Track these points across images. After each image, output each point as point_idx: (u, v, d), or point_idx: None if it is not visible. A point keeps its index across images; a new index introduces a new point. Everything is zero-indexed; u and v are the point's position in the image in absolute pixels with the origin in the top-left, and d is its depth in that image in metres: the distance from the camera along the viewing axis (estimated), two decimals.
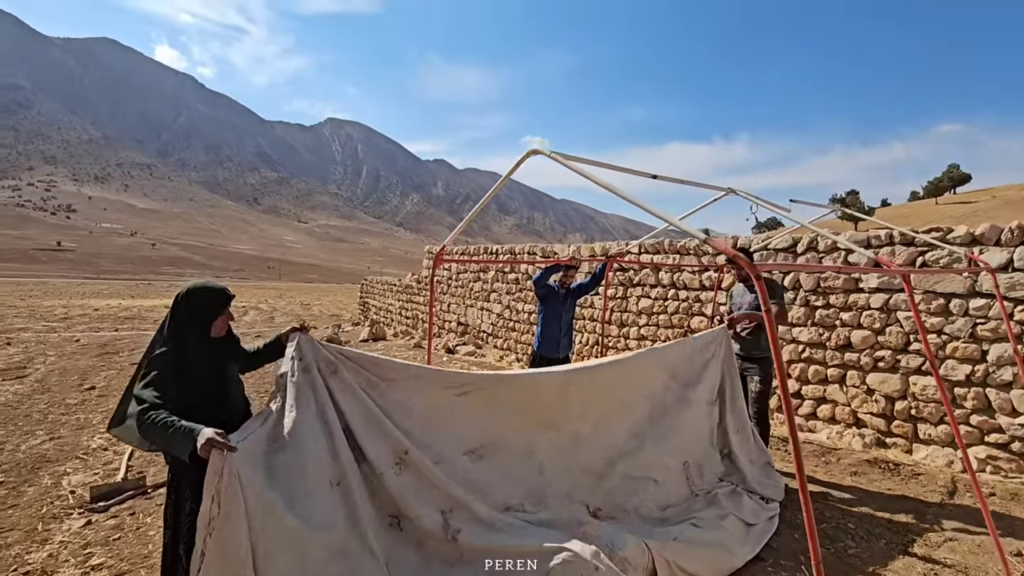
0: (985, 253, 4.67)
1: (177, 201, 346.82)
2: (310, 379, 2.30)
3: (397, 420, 2.51)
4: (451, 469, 2.59)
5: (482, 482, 2.65)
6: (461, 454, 2.66)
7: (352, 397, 2.38)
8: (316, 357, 2.33)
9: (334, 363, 2.37)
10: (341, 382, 2.37)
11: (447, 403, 2.67)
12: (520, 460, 2.84)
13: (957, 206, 72.24)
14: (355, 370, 2.46)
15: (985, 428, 4.68)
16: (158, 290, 47.63)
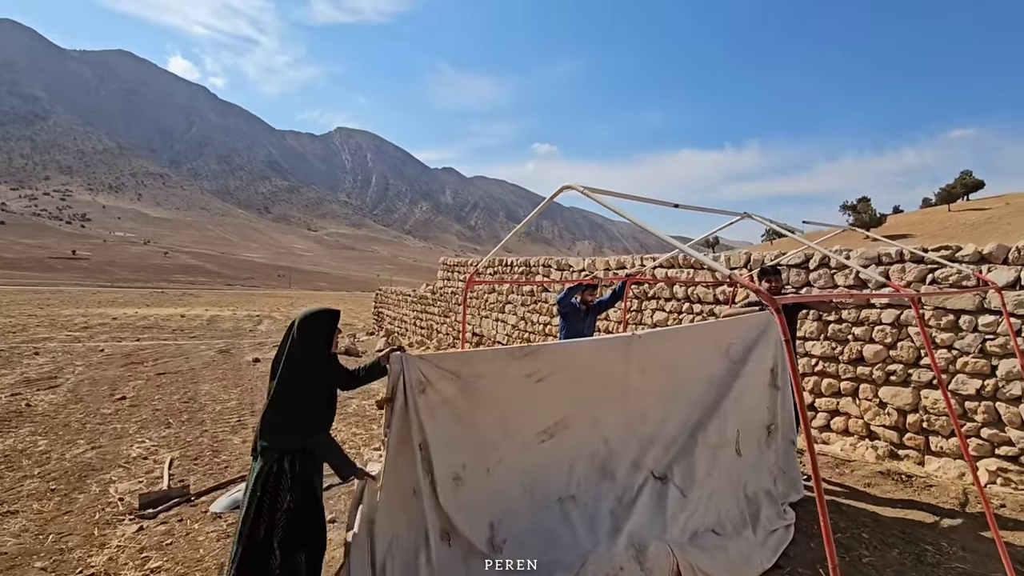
0: (993, 271, 4.81)
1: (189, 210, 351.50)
2: (405, 399, 2.57)
3: (476, 421, 2.76)
4: (516, 463, 2.83)
5: (546, 467, 2.91)
6: (536, 434, 2.91)
7: (431, 416, 2.61)
8: (409, 378, 2.57)
9: (423, 382, 2.60)
10: (426, 402, 2.61)
11: (528, 388, 2.90)
12: (587, 433, 3.08)
13: (971, 213, 71.56)
14: (449, 380, 2.68)
15: (995, 441, 4.81)
16: (171, 299, 48.27)
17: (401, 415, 2.55)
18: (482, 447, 2.79)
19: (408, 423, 2.56)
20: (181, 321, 23.80)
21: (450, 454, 2.67)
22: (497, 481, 2.80)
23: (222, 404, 7.87)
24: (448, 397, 2.68)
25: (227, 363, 11.76)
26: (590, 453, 3.10)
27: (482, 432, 2.80)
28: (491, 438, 2.82)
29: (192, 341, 16.49)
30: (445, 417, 2.67)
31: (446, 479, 2.64)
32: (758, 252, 6.92)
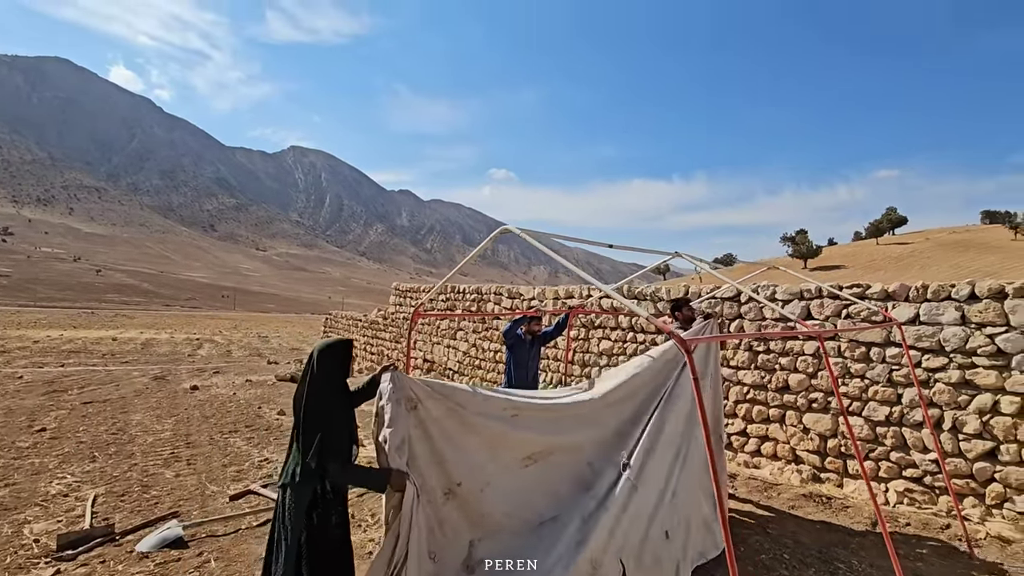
0: (897, 308, 5.32)
1: (127, 226, 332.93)
2: (398, 412, 2.63)
3: (464, 443, 2.84)
4: (502, 484, 2.93)
5: (530, 489, 3.02)
6: (520, 460, 3.01)
7: (422, 432, 2.69)
8: (401, 395, 2.64)
9: (414, 400, 2.68)
10: (416, 417, 2.68)
11: (509, 420, 3.03)
12: (572, 458, 3.24)
13: (896, 247, 77.49)
14: (437, 400, 2.77)
15: (903, 464, 5.24)
16: (102, 320, 45.34)
17: (394, 422, 2.62)
18: (473, 468, 2.88)
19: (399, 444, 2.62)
20: (112, 345, 22.42)
21: (441, 470, 2.75)
22: (486, 502, 2.88)
23: (154, 435, 7.49)
24: (437, 416, 2.76)
25: (162, 391, 11.18)
26: (574, 476, 3.25)
27: (472, 454, 2.89)
28: (480, 460, 2.91)
29: (124, 367, 15.57)
30: (436, 434, 2.75)
31: (435, 494, 2.70)
32: (694, 285, 7.34)
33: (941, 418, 4.99)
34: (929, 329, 5.08)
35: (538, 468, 3.09)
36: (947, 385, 4.96)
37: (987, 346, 4.75)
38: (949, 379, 4.94)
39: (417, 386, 2.72)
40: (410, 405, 2.66)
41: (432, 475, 2.72)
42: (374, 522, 4.72)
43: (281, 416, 8.85)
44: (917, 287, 5.23)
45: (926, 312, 5.12)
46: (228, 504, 5.06)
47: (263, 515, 4.77)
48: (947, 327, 4.99)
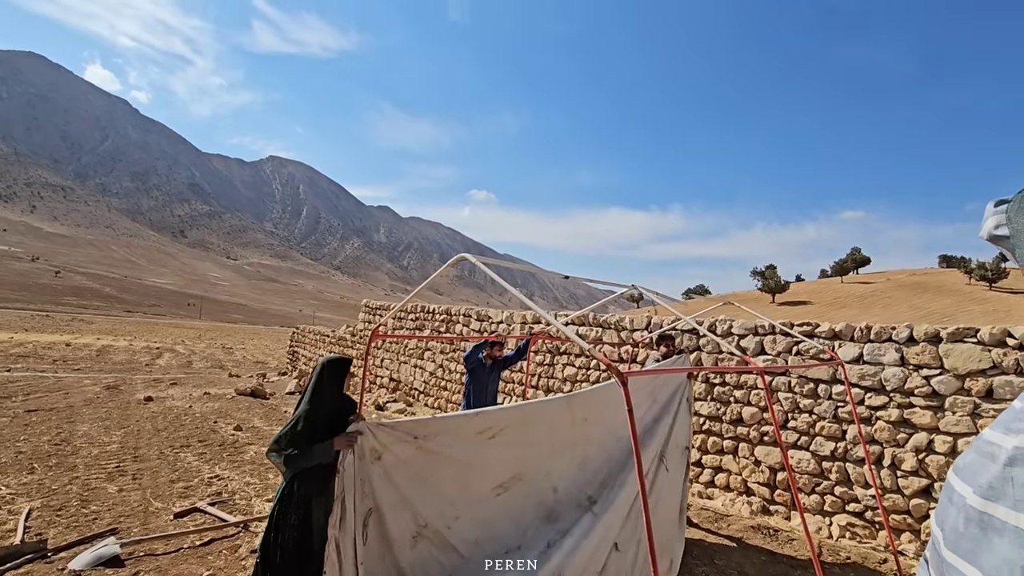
0: (843, 347, 5.57)
1: (92, 227, 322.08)
2: (362, 466, 2.68)
3: (434, 479, 2.89)
4: (472, 515, 2.98)
5: (498, 519, 3.08)
6: (492, 489, 3.06)
7: (386, 482, 2.74)
8: (365, 446, 2.70)
9: (378, 451, 2.72)
10: (381, 467, 2.73)
11: (481, 446, 3.06)
12: (539, 485, 3.29)
13: (859, 285, 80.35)
14: (406, 443, 2.80)
15: (846, 498, 5.42)
16: (57, 324, 43.51)
17: (351, 483, 2.65)
18: (441, 505, 2.93)
19: (359, 490, 2.67)
20: (65, 350, 21.53)
21: (406, 515, 2.80)
22: (454, 537, 2.92)
23: (100, 448, 7.22)
24: (405, 459, 2.80)
25: (113, 401, 10.79)
26: (538, 502, 3.30)
27: (441, 489, 2.94)
28: (449, 495, 2.96)
29: (75, 374, 14.96)
30: (402, 479, 2.79)
31: (403, 538, 2.75)
32: (657, 316, 7.53)
33: (882, 455, 5.21)
34: (872, 368, 5.33)
35: (507, 496, 3.14)
36: (887, 423, 5.18)
37: (923, 387, 5.00)
38: (889, 417, 5.17)
39: (384, 434, 2.76)
40: (374, 456, 2.71)
41: (399, 520, 2.75)
42: None
43: (237, 432, 8.62)
44: (861, 328, 5.50)
45: (869, 352, 5.37)
46: (172, 522, 4.90)
47: (208, 534, 4.65)
48: (888, 367, 5.24)
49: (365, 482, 2.68)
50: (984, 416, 4.68)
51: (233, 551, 4.38)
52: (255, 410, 10.73)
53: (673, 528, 4.30)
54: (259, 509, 5.34)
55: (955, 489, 1.07)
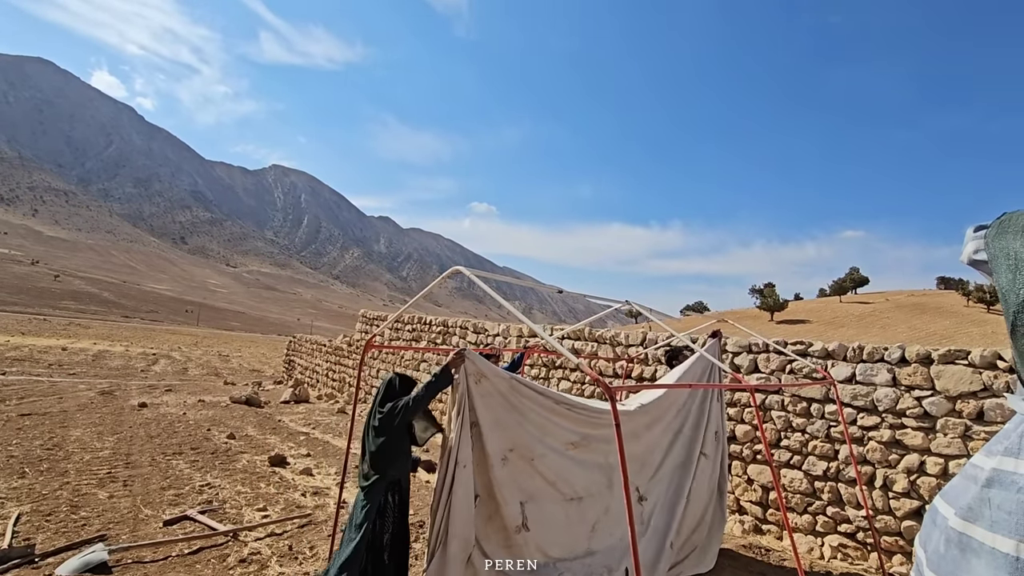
0: (836, 366, 5.59)
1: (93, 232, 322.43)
2: (465, 385, 3.11)
3: (520, 417, 3.27)
4: (548, 459, 3.38)
5: (569, 468, 3.48)
6: (564, 443, 3.47)
7: (483, 402, 3.14)
8: (469, 369, 3.12)
9: (479, 374, 3.14)
10: (480, 388, 3.14)
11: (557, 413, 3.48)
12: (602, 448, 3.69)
13: (857, 305, 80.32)
14: (501, 378, 3.24)
15: (838, 519, 5.41)
16: (54, 328, 43.33)
17: (461, 399, 3.07)
18: (526, 438, 3.30)
19: (464, 406, 3.07)
20: (61, 355, 21.46)
21: (499, 436, 3.17)
22: (536, 470, 3.33)
23: (92, 453, 7.20)
24: (501, 390, 3.20)
25: (107, 406, 10.76)
26: (602, 468, 3.72)
27: (526, 425, 3.31)
28: (533, 434, 3.34)
29: (71, 379, 14.92)
30: (496, 405, 3.19)
31: (495, 458, 3.14)
32: (652, 332, 7.55)
33: (874, 475, 5.20)
34: (864, 389, 5.35)
35: (577, 453, 3.55)
36: (879, 444, 5.19)
37: (915, 408, 5.02)
38: (881, 438, 5.18)
39: (484, 364, 3.15)
40: (476, 378, 3.10)
41: (493, 439, 3.13)
42: (311, 555, 4.62)
43: (230, 440, 8.60)
44: (854, 348, 5.53)
45: (861, 372, 5.40)
46: (161, 529, 4.89)
47: (197, 542, 4.63)
48: (880, 387, 5.26)
49: (471, 398, 3.09)
50: (975, 438, 4.69)
51: (221, 560, 4.36)
52: (249, 419, 10.69)
53: (709, 505, 4.78)
54: (249, 518, 5.32)
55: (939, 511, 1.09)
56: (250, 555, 4.50)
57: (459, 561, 3.04)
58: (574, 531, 3.59)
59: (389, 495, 3.27)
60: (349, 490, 6.51)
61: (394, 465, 3.22)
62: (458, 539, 3.03)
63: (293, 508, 5.73)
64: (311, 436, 9.46)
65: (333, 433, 9.84)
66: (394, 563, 3.23)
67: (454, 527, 2.98)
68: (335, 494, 6.36)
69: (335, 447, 8.70)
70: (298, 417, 11.31)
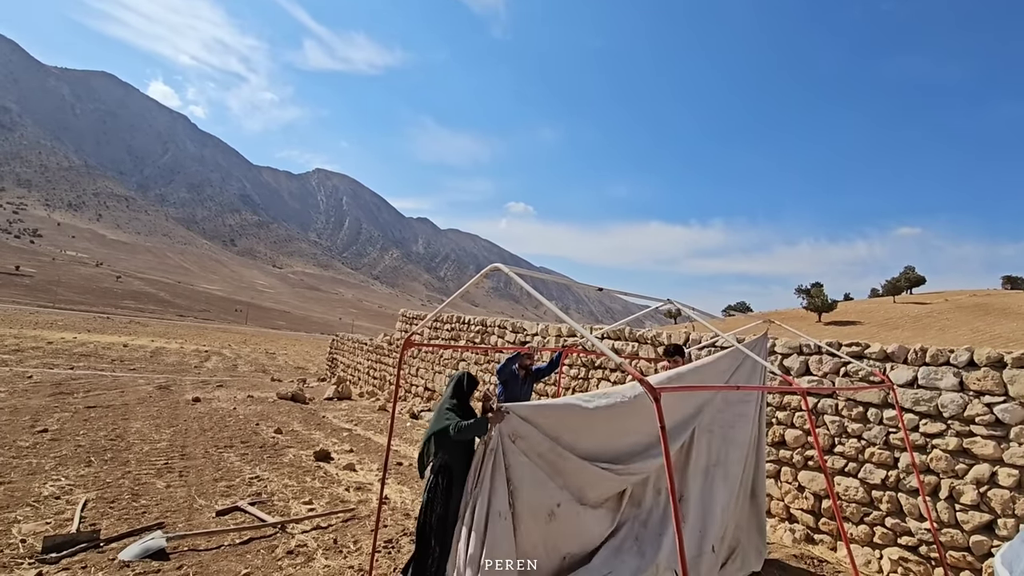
0: (895, 370, 5.29)
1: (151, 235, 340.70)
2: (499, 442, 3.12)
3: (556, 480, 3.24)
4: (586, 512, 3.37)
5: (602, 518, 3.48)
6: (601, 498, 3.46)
7: (525, 459, 3.14)
8: (505, 430, 3.13)
9: (517, 434, 3.14)
10: (515, 446, 3.12)
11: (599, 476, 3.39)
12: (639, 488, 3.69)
13: (913, 306, 76.11)
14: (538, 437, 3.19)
15: (898, 531, 5.11)
16: (116, 326, 46.02)
17: (495, 453, 3.08)
18: (570, 493, 3.30)
19: (500, 461, 3.08)
20: (123, 351, 22.74)
21: (544, 492, 3.16)
22: (580, 523, 3.33)
23: (151, 444, 7.57)
24: (539, 450, 3.19)
25: (164, 400, 11.31)
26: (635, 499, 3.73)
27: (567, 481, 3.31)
28: (573, 492, 3.34)
29: (131, 374, 15.78)
30: (538, 462, 3.19)
31: (540, 513, 3.13)
32: (695, 332, 7.35)
33: (938, 486, 4.89)
34: (927, 393, 5.03)
35: (611, 502, 3.57)
36: (944, 452, 4.88)
37: (985, 415, 4.69)
38: (947, 446, 4.87)
39: (522, 426, 3.14)
40: (513, 438, 3.12)
41: (536, 496, 3.12)
42: (355, 549, 4.71)
43: (277, 435, 8.88)
44: (916, 350, 5.21)
45: (924, 376, 5.08)
46: (214, 519, 5.08)
47: (247, 533, 4.79)
48: (945, 392, 4.94)
49: (506, 456, 3.09)
50: None
51: (270, 551, 4.49)
52: (295, 414, 11.03)
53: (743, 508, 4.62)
54: (296, 511, 5.47)
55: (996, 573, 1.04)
56: (297, 547, 4.62)
57: None
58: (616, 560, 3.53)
59: (439, 477, 3.36)
60: (391, 486, 6.62)
61: (444, 447, 3.37)
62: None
63: (337, 502, 5.86)
64: (353, 432, 9.67)
65: (375, 430, 10.03)
66: (440, 546, 3.27)
67: None
68: (377, 489, 6.48)
69: (377, 444, 8.86)
70: (341, 414, 11.58)
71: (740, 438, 4.63)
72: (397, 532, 5.11)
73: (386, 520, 5.36)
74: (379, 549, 4.53)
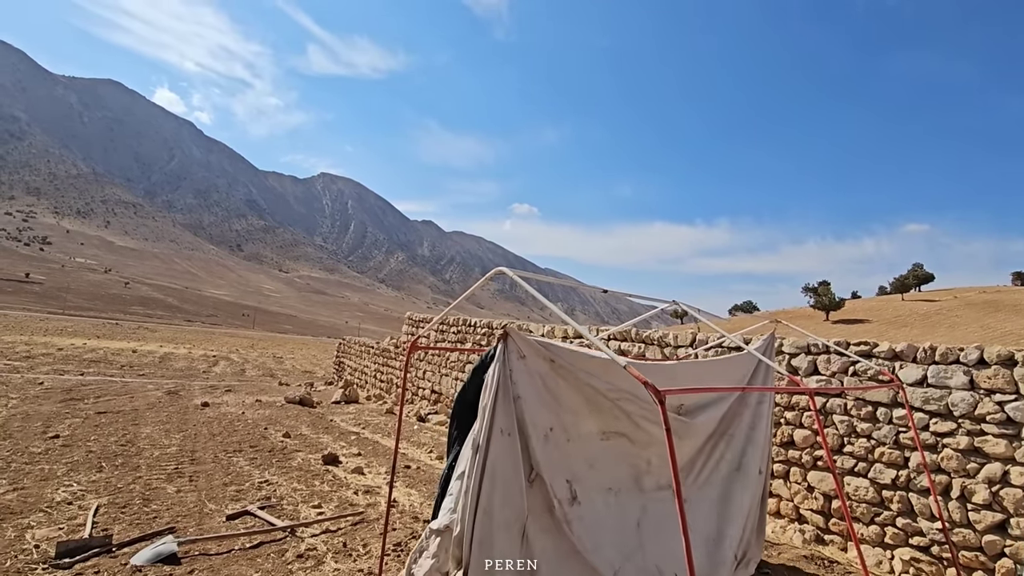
0: (904, 368, 5.26)
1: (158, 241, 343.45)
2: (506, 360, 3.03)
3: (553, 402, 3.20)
4: (582, 445, 3.31)
5: (601, 460, 3.40)
6: (597, 433, 3.38)
7: (527, 376, 3.08)
8: (511, 347, 3.05)
9: (521, 351, 3.08)
10: (524, 365, 3.07)
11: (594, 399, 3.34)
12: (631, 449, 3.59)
13: (922, 303, 75.44)
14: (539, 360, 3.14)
15: (909, 531, 5.08)
16: (125, 331, 46.40)
17: (503, 372, 2.99)
18: (563, 418, 3.25)
19: (507, 379, 3.01)
20: (132, 357, 22.92)
21: (541, 413, 3.12)
22: (572, 452, 3.27)
23: (161, 449, 7.63)
24: (540, 372, 3.15)
25: (173, 405, 11.39)
26: (628, 460, 3.61)
27: (562, 408, 3.26)
28: (567, 418, 3.29)
29: (140, 379, 15.90)
30: (539, 383, 3.14)
31: (539, 432, 3.06)
32: (702, 333, 7.34)
33: (949, 485, 4.85)
34: (937, 392, 5.00)
35: (609, 444, 3.44)
36: (955, 451, 4.84)
37: (996, 413, 4.65)
38: (957, 445, 4.83)
39: (524, 342, 3.10)
40: (519, 354, 3.05)
41: (538, 414, 3.08)
42: (364, 552, 4.72)
43: (286, 439, 8.93)
44: (925, 348, 5.18)
45: (934, 375, 5.05)
46: (224, 523, 5.11)
47: (257, 537, 4.82)
48: (955, 391, 4.90)
49: (513, 373, 3.02)
50: None
51: (280, 555, 4.52)
52: (303, 418, 11.07)
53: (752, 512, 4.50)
54: (305, 515, 5.50)
55: None
56: (307, 551, 4.64)
57: (513, 531, 2.90)
58: (618, 524, 3.48)
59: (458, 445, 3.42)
60: (399, 489, 6.64)
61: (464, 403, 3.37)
62: (510, 507, 2.90)
63: (346, 506, 5.88)
64: (361, 436, 9.70)
65: (382, 433, 10.06)
66: None
67: (499, 496, 2.86)
68: (386, 493, 6.50)
69: (384, 447, 8.89)
70: (348, 417, 11.62)
71: (760, 439, 4.61)
72: (406, 535, 5.13)
73: (395, 523, 5.38)
74: (388, 552, 4.55)
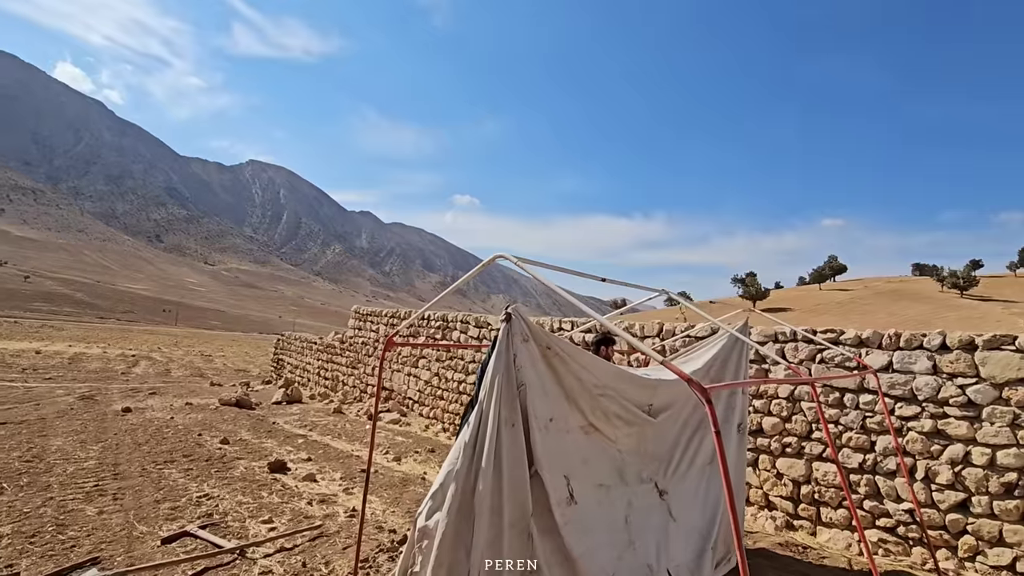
0: (871, 355, 5.37)
1: (64, 231, 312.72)
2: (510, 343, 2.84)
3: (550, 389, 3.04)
4: (574, 439, 3.17)
5: (591, 455, 3.26)
6: (579, 426, 3.21)
7: (530, 361, 2.90)
8: (515, 328, 2.86)
9: (527, 335, 2.89)
10: (528, 349, 2.88)
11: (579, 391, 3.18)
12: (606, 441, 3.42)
13: (837, 292, 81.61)
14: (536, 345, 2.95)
15: (876, 513, 5.21)
16: (26, 331, 41.79)
17: (506, 357, 2.80)
18: (560, 409, 3.09)
19: (510, 364, 2.82)
20: (36, 358, 20.55)
21: (543, 402, 2.95)
22: (568, 443, 3.12)
23: (76, 464, 6.70)
24: (535, 357, 2.97)
25: (89, 412, 10.17)
26: (609, 452, 3.45)
27: (556, 397, 3.09)
28: (563, 408, 3.13)
29: (47, 383, 14.19)
30: (542, 368, 2.98)
31: (539, 423, 2.89)
32: (670, 323, 7.29)
33: (914, 467, 5.00)
34: (902, 377, 5.13)
35: (591, 439, 3.29)
36: (920, 434, 4.99)
37: (958, 396, 4.82)
38: (922, 428, 4.98)
39: (528, 324, 2.94)
40: (523, 337, 2.88)
41: (538, 403, 2.92)
42: (327, 571, 4.26)
43: (224, 445, 8.14)
44: (890, 335, 5.31)
45: (899, 360, 5.18)
46: (159, 548, 4.47)
47: (201, 562, 4.23)
48: (919, 376, 5.05)
49: (517, 358, 2.86)
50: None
51: None
52: (242, 421, 10.21)
53: None
54: (255, 532, 4.93)
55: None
56: (260, 574, 4.12)
57: (520, 530, 2.74)
58: (610, 522, 3.33)
59: None
60: (358, 497, 6.14)
61: None
62: (516, 505, 2.73)
63: (301, 519, 5.35)
64: (309, 439, 9.04)
65: (332, 435, 9.42)
66: None
67: (505, 491, 2.70)
68: (343, 501, 5.99)
69: (336, 450, 8.30)
70: (293, 419, 10.85)
71: (733, 431, 4.55)
72: (372, 548, 4.69)
73: (356, 535, 4.92)
74: (355, 571, 4.11)
